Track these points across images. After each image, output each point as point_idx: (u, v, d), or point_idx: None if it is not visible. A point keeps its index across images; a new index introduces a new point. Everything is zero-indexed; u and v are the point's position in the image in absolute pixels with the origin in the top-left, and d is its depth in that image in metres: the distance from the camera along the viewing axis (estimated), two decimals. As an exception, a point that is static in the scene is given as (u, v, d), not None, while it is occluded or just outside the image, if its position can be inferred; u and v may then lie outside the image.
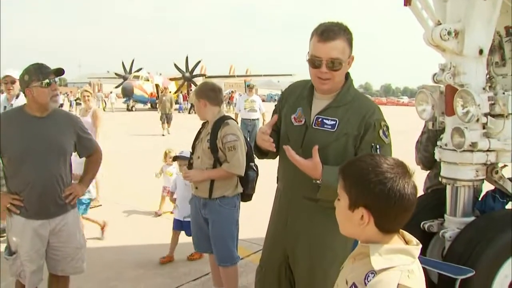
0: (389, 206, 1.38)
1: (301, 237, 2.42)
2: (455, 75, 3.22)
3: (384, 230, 1.42)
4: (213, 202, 3.46)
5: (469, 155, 3.23)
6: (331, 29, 2.22)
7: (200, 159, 3.50)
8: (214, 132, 3.42)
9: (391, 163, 1.42)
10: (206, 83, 3.73)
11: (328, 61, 2.23)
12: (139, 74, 39.54)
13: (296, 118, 2.41)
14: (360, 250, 1.49)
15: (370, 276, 1.36)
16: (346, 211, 1.47)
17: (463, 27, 3.14)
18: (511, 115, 3.20)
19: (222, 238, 3.50)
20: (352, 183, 1.45)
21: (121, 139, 16.07)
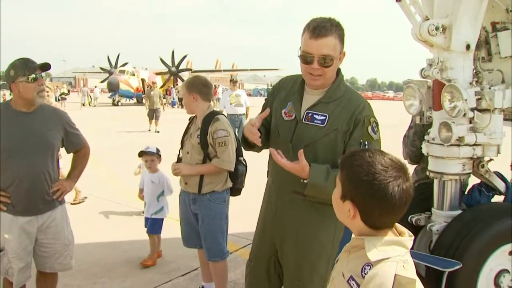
0: (372, 206, 1.41)
1: (289, 230, 2.44)
2: (443, 70, 3.25)
3: (372, 227, 1.45)
4: (203, 197, 3.46)
5: (456, 150, 3.26)
6: (323, 25, 2.22)
7: (190, 154, 3.49)
8: (204, 127, 3.41)
9: (387, 165, 1.42)
10: (198, 77, 3.68)
11: (320, 58, 2.24)
12: (125, 68, 39.22)
13: (286, 113, 2.42)
14: (354, 243, 1.51)
15: (366, 269, 1.39)
16: (338, 201, 1.50)
17: (451, 23, 3.16)
18: (497, 110, 3.25)
19: (212, 233, 3.50)
20: (345, 175, 1.47)
21: (107, 135, 15.93)
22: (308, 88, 2.41)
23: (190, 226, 3.61)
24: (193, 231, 3.61)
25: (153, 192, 4.81)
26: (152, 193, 4.82)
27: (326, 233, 2.42)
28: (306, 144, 2.31)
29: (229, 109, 11.14)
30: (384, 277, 1.34)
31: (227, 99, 11.34)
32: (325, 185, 2.18)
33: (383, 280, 1.33)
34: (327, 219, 2.39)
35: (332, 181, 2.21)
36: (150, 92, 18.16)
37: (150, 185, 4.83)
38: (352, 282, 1.42)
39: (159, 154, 4.91)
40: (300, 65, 2.34)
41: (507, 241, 3.12)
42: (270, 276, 2.58)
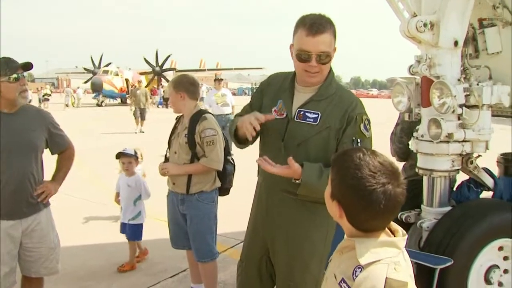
0: (358, 211, 1.37)
1: (280, 229, 2.41)
2: (431, 67, 3.25)
3: (360, 229, 1.41)
4: (191, 197, 3.41)
5: (445, 146, 3.26)
6: (319, 22, 2.19)
7: (177, 154, 3.43)
8: (192, 126, 3.36)
9: (375, 170, 1.36)
10: (185, 75, 3.62)
11: (317, 55, 2.21)
12: (108, 68, 38.83)
13: (277, 111, 2.38)
14: (346, 243, 1.47)
15: (357, 271, 1.35)
16: (329, 198, 1.47)
17: (439, 19, 3.15)
18: (485, 106, 3.25)
19: (201, 233, 3.45)
20: (334, 175, 1.44)
21: (91, 135, 15.73)
22: (299, 85, 2.38)
23: (179, 227, 3.56)
24: (181, 232, 3.56)
25: (130, 196, 4.64)
26: (129, 197, 4.63)
27: (318, 232, 2.39)
28: (299, 142, 2.28)
29: (215, 109, 10.73)
30: (375, 280, 1.30)
31: (213, 98, 10.97)
32: (318, 184, 2.15)
33: (374, 284, 1.30)
34: (319, 217, 2.36)
35: (325, 180, 2.19)
36: (136, 91, 17.67)
37: (126, 189, 4.65)
38: (343, 285, 1.39)
39: (137, 156, 4.75)
40: (295, 63, 2.30)
41: (497, 237, 3.13)
42: (262, 276, 2.54)
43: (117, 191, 4.87)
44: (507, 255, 3.26)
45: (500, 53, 3.42)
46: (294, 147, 2.28)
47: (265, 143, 2.41)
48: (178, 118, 3.61)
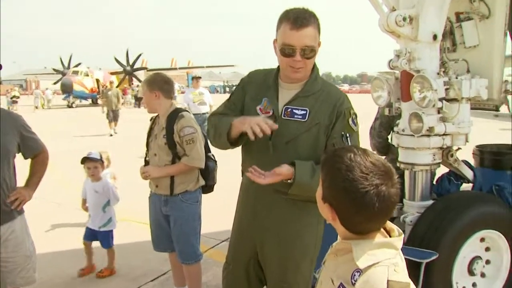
0: (350, 214, 1.32)
1: (271, 230, 2.34)
2: (411, 61, 3.25)
3: (354, 232, 1.35)
4: (175, 198, 3.32)
5: (426, 140, 3.27)
6: (303, 15, 2.14)
7: (157, 156, 3.33)
8: (170, 126, 3.26)
9: (367, 171, 1.29)
10: (159, 74, 3.52)
11: (302, 49, 2.15)
12: (78, 69, 38.14)
13: (262, 109, 2.30)
14: (341, 245, 1.41)
15: (356, 275, 1.30)
16: (320, 200, 1.41)
17: (417, 13, 3.15)
18: (464, 99, 3.27)
19: (185, 235, 3.37)
20: (324, 176, 1.38)
21: (63, 138, 15.36)
22: (282, 82, 2.31)
23: (161, 229, 3.47)
24: (164, 234, 3.47)
25: (98, 202, 4.44)
26: (97, 204, 4.43)
27: (309, 232, 2.35)
28: (287, 140, 2.22)
29: (192, 108, 10.37)
30: (376, 284, 1.25)
31: (190, 97, 10.69)
32: (311, 182, 2.10)
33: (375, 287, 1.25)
34: (309, 216, 2.32)
35: (318, 178, 2.15)
36: (107, 92, 17.08)
37: (93, 195, 4.44)
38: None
39: (102, 160, 4.56)
40: (279, 58, 2.24)
41: (479, 229, 3.15)
42: (250, 279, 2.48)
43: (84, 198, 4.63)
44: (488, 246, 3.30)
45: (477, 46, 3.44)
46: (282, 145, 2.22)
47: (251, 142, 2.32)
48: (154, 118, 3.50)
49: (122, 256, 4.79)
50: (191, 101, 10.53)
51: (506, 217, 3.24)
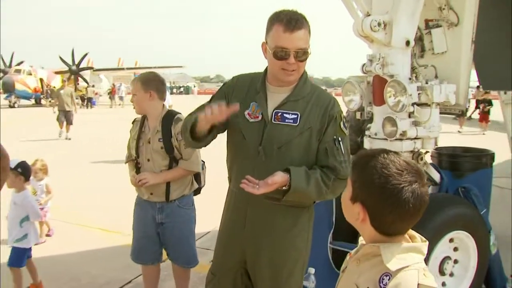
0: (384, 212, 1.31)
1: (263, 238, 2.28)
2: (384, 66, 3.31)
3: (383, 233, 1.35)
4: (172, 204, 3.17)
5: (399, 144, 3.34)
6: (296, 18, 2.12)
7: (152, 161, 3.14)
8: (166, 129, 3.11)
9: (401, 168, 1.31)
10: (154, 73, 3.34)
11: (296, 52, 2.12)
12: (21, 67, 36.41)
13: (250, 114, 2.25)
14: (366, 250, 1.40)
15: (385, 279, 1.30)
16: (348, 202, 1.40)
17: (391, 19, 3.22)
18: (434, 104, 3.37)
19: (186, 239, 3.24)
20: (356, 176, 1.37)
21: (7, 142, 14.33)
22: (271, 86, 2.27)
23: (148, 240, 3.26)
24: (150, 245, 3.27)
25: (16, 215, 3.91)
26: (14, 217, 3.91)
27: (301, 237, 2.33)
28: (280, 145, 2.18)
29: None
30: (407, 287, 1.26)
31: None
32: (307, 189, 2.10)
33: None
34: (300, 223, 2.30)
35: (313, 184, 2.12)
36: (59, 92, 15.52)
37: (12, 206, 3.93)
38: None
39: (18, 170, 3.87)
40: (271, 61, 2.20)
41: (451, 230, 3.26)
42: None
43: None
44: (457, 246, 3.41)
45: (445, 53, 3.56)
46: (274, 151, 2.18)
47: (239, 147, 2.27)
48: (140, 121, 3.30)
49: (81, 264, 4.60)
50: None
51: (473, 217, 3.37)
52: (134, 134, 3.26)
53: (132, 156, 3.27)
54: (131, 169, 3.26)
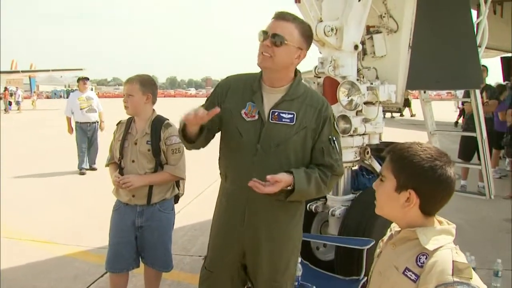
0: (437, 190, 1.50)
1: (263, 232, 2.36)
2: (336, 68, 3.58)
3: (426, 213, 1.53)
4: (153, 208, 3.14)
5: (350, 140, 3.64)
6: (286, 13, 2.26)
7: (137, 162, 3.10)
8: (156, 133, 3.09)
9: (437, 152, 1.52)
10: (149, 76, 3.27)
11: (273, 35, 2.22)
12: None
13: (247, 113, 2.33)
14: (402, 235, 1.57)
15: (422, 258, 1.47)
16: (392, 193, 1.54)
17: (342, 25, 3.49)
18: (378, 102, 3.70)
19: (164, 243, 3.22)
20: (402, 166, 1.52)
21: None
22: (267, 86, 2.37)
23: (125, 246, 3.18)
24: (127, 251, 3.19)
25: None
26: None
27: (297, 230, 2.46)
28: (277, 143, 2.28)
29: (79, 116, 9.16)
30: (444, 264, 1.42)
31: (76, 102, 9.18)
32: (309, 189, 2.24)
33: (444, 267, 1.41)
34: (295, 217, 2.44)
35: (314, 183, 2.26)
36: None
37: None
38: (409, 273, 1.48)
39: None
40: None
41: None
42: (234, 284, 2.48)
43: None
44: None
45: (385, 56, 3.92)
46: (272, 149, 2.27)
47: (236, 146, 2.34)
48: (128, 122, 3.23)
49: (23, 279, 4.32)
50: (78, 108, 9.17)
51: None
52: (119, 136, 3.21)
53: (115, 157, 3.21)
54: (112, 171, 3.18)
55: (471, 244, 4.51)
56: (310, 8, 3.50)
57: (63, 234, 5.44)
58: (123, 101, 3.13)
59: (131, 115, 3.21)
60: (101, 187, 6.38)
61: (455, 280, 1.37)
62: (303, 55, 2.34)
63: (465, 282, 1.37)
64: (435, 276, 1.40)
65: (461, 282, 1.37)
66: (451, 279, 1.38)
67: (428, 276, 1.42)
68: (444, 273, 1.40)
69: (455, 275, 1.38)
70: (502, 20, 10.09)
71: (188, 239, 5.28)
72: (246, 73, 2.52)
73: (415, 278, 1.46)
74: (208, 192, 7.07)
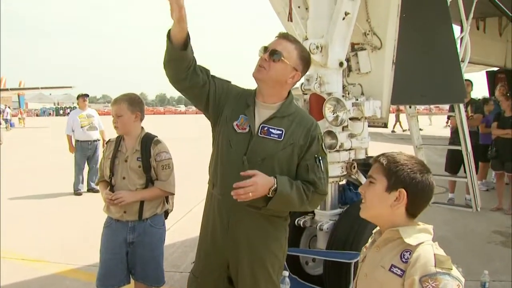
0: (423, 192, 1.68)
1: (244, 243, 2.42)
2: (321, 85, 3.66)
3: (410, 214, 1.70)
4: (144, 224, 3.17)
5: (336, 155, 3.70)
6: (289, 34, 2.41)
7: (127, 179, 3.14)
8: (146, 149, 3.14)
9: (421, 161, 1.74)
10: (135, 94, 3.32)
11: (272, 51, 2.34)
12: None
13: (238, 125, 2.41)
14: (385, 236, 1.72)
15: (406, 254, 1.61)
16: (382, 193, 1.69)
17: (327, 43, 3.58)
18: (364, 118, 3.78)
19: (155, 259, 3.22)
20: (394, 168, 1.68)
21: None
22: (260, 102, 2.46)
23: (116, 262, 3.18)
24: (119, 268, 3.19)
25: None
26: None
27: (278, 244, 2.50)
28: (263, 157, 2.35)
29: (79, 134, 8.94)
30: (426, 257, 1.56)
31: (77, 120, 8.93)
32: (291, 193, 2.27)
33: (427, 260, 1.55)
34: (278, 231, 2.49)
35: (296, 190, 2.31)
36: None
37: None
38: (395, 269, 1.61)
39: None
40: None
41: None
42: None
43: None
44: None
45: (370, 73, 4.01)
46: (258, 162, 2.34)
47: (226, 155, 2.41)
48: (118, 141, 3.27)
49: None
50: (79, 126, 8.92)
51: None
52: (109, 154, 3.26)
53: (105, 175, 3.25)
54: (103, 189, 3.22)
55: (458, 256, 4.57)
56: (296, 27, 3.60)
57: (53, 252, 5.41)
58: (112, 122, 3.18)
59: (122, 134, 3.25)
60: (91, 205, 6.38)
61: (438, 270, 1.51)
62: (297, 76, 2.44)
63: (447, 272, 1.51)
64: (420, 269, 1.53)
65: (443, 272, 1.51)
66: (434, 270, 1.52)
67: (413, 269, 1.55)
68: (427, 264, 1.54)
69: (437, 266, 1.52)
70: (486, 35, 10.34)
71: (178, 256, 5.28)
72: (242, 87, 2.60)
73: (401, 273, 1.59)
74: (198, 208, 7.07)
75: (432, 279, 1.50)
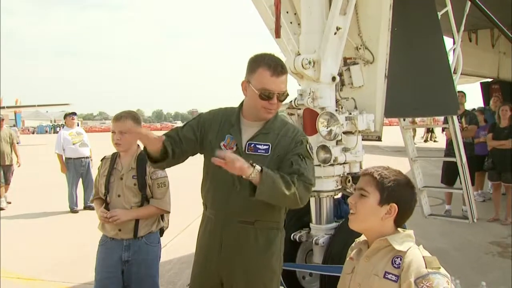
0: (411, 204, 1.84)
1: (239, 262, 2.43)
2: (314, 99, 3.66)
3: (397, 224, 1.84)
4: (139, 242, 3.15)
5: (331, 169, 3.70)
6: (280, 63, 2.40)
7: (122, 197, 3.13)
8: (142, 167, 3.13)
9: (407, 177, 1.83)
10: (134, 111, 3.30)
11: (279, 94, 2.39)
12: None
13: (226, 145, 2.44)
14: (374, 246, 1.83)
15: (397, 260, 1.73)
16: (374, 206, 1.81)
17: (319, 58, 3.60)
18: (358, 132, 3.79)
19: (151, 277, 3.20)
20: (387, 183, 1.80)
21: None
22: (245, 120, 2.48)
23: (111, 280, 3.16)
24: (114, 285, 3.17)
25: None
26: None
27: (274, 257, 2.50)
28: None
29: (70, 152, 8.96)
30: (418, 260, 1.69)
31: (67, 138, 8.99)
32: (275, 177, 2.21)
33: (419, 263, 1.68)
34: (274, 244, 2.48)
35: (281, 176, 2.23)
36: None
37: None
38: (389, 276, 1.72)
39: None
40: (255, 101, 2.40)
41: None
42: None
43: None
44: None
45: (362, 86, 4.03)
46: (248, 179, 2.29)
47: (216, 174, 2.41)
48: (113, 158, 3.27)
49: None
50: (70, 143, 9.00)
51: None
52: (104, 171, 3.25)
53: (100, 193, 3.23)
54: (98, 207, 3.21)
55: (456, 268, 4.57)
56: (288, 42, 3.62)
57: (49, 271, 5.38)
58: (114, 139, 3.16)
59: (124, 151, 3.23)
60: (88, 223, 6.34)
61: (429, 271, 1.65)
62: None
63: (437, 271, 1.66)
64: (414, 272, 1.66)
65: (434, 272, 1.65)
66: (426, 271, 1.65)
67: (407, 273, 1.67)
68: (419, 267, 1.67)
69: (428, 267, 1.66)
70: (478, 47, 10.42)
71: (175, 273, 5.25)
72: (223, 107, 2.62)
73: (396, 279, 1.70)
74: (194, 225, 7.02)
75: (425, 279, 1.62)
